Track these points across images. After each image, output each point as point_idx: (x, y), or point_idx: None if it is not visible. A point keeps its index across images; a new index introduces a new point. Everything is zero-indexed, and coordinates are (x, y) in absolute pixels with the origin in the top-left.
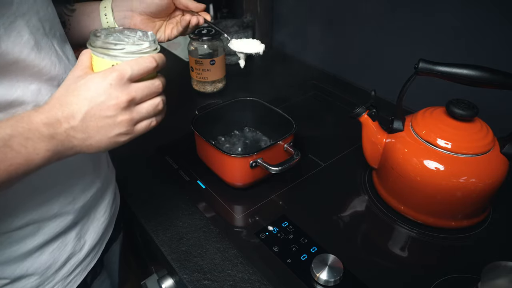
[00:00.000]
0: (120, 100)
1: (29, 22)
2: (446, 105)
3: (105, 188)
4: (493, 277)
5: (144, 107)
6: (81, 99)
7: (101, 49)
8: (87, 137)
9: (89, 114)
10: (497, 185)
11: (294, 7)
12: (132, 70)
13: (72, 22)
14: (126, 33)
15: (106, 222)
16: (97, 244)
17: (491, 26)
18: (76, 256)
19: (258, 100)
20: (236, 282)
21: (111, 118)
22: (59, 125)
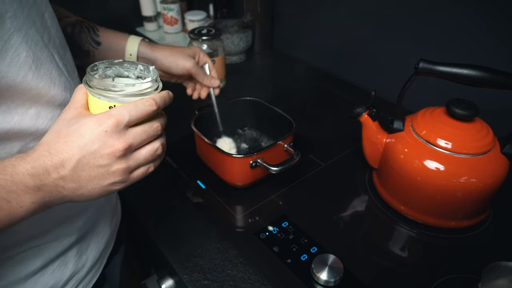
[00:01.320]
0: (116, 148)
1: (26, 37)
2: (446, 105)
3: (105, 203)
4: (493, 277)
5: (142, 153)
6: (73, 147)
7: (98, 90)
8: (78, 187)
9: (81, 163)
10: (497, 185)
11: (294, 7)
12: (130, 116)
13: (97, 54)
14: (126, 65)
15: (107, 237)
16: (98, 260)
17: (491, 26)
18: (78, 274)
19: (258, 100)
20: (236, 282)
21: (105, 167)
22: (47, 175)
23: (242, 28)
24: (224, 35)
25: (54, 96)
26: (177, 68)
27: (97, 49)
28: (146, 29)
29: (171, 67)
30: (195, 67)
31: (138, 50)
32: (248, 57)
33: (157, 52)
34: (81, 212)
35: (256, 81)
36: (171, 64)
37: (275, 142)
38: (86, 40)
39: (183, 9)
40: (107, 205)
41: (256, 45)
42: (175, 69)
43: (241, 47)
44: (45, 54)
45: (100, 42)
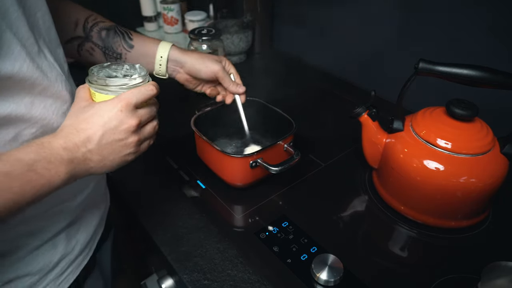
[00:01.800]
0: (130, 124)
1: (17, 34)
2: (446, 105)
3: (94, 191)
4: (493, 277)
5: (147, 129)
6: (95, 125)
7: (101, 86)
8: (102, 159)
9: (104, 138)
10: (497, 185)
11: (294, 7)
12: (137, 98)
13: (128, 57)
14: (113, 67)
15: (96, 222)
16: (88, 244)
17: (491, 26)
18: (68, 257)
19: (258, 100)
20: (236, 282)
21: (122, 140)
22: (77, 149)
23: (242, 28)
24: (224, 35)
25: (47, 87)
26: (206, 71)
27: (129, 52)
28: (146, 29)
29: (200, 69)
30: (222, 71)
31: (169, 53)
32: (248, 57)
33: (187, 56)
34: (72, 199)
35: (256, 81)
36: (200, 66)
37: (275, 142)
38: (119, 44)
39: (183, 9)
40: (97, 193)
41: (256, 45)
42: (204, 71)
43: (241, 47)
44: (35, 50)
45: (133, 46)
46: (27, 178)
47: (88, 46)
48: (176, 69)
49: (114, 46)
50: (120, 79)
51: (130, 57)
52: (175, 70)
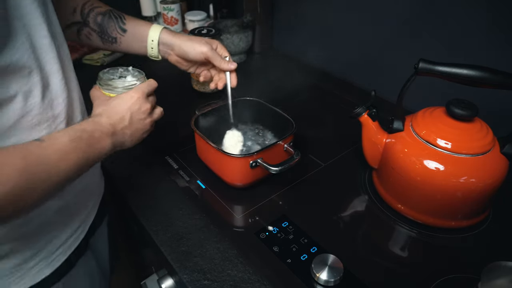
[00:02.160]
0: (146, 107)
1: (26, 26)
2: (446, 105)
3: (90, 176)
4: (493, 277)
5: (156, 112)
6: (124, 109)
7: (109, 87)
8: (132, 134)
9: (132, 118)
10: (497, 185)
11: (294, 7)
12: (148, 90)
13: (123, 41)
14: (110, 71)
15: (89, 207)
16: (80, 226)
17: (491, 26)
18: (59, 237)
19: (258, 100)
20: (236, 282)
21: (144, 120)
22: (116, 125)
23: (242, 28)
24: (224, 35)
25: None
26: (194, 52)
27: (123, 36)
28: None
29: (189, 51)
30: (211, 51)
31: (160, 36)
32: (248, 57)
33: (176, 38)
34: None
35: (256, 81)
36: (188, 48)
37: (275, 142)
38: (114, 28)
39: (183, 9)
40: (91, 179)
41: (256, 45)
42: (192, 53)
43: (241, 47)
44: (41, 42)
45: (126, 30)
46: (90, 141)
47: (86, 31)
48: (167, 52)
49: (109, 31)
50: (122, 82)
51: (124, 41)
52: (166, 52)
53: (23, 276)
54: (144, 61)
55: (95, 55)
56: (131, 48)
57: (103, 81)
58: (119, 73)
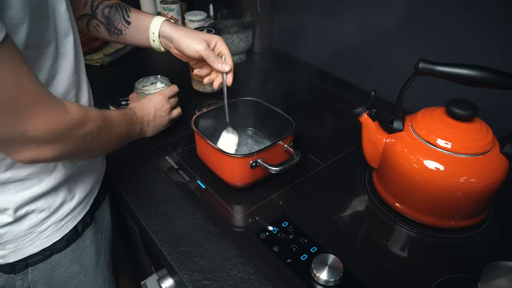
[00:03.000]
0: (167, 107)
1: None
2: (446, 105)
3: None
4: (493, 277)
5: (174, 112)
6: (151, 106)
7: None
8: (154, 126)
9: (156, 113)
10: (497, 185)
11: (294, 7)
12: (170, 93)
13: (128, 33)
14: (144, 80)
15: (93, 180)
16: (85, 197)
17: (491, 26)
18: (67, 205)
19: (258, 100)
20: (236, 282)
21: (164, 117)
22: (145, 116)
23: (242, 28)
24: (224, 35)
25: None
26: (188, 50)
27: (127, 28)
28: None
29: (183, 48)
30: (206, 50)
31: (160, 29)
32: (248, 57)
33: (175, 32)
34: None
35: (256, 81)
36: (183, 44)
37: (275, 142)
38: (120, 20)
39: (183, 9)
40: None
41: (256, 45)
42: (186, 50)
43: (241, 47)
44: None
45: (130, 22)
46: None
47: (94, 23)
48: (168, 44)
49: (115, 23)
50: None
51: (128, 33)
52: (167, 45)
53: (35, 238)
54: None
55: (95, 55)
56: (136, 40)
57: (138, 90)
58: (150, 81)
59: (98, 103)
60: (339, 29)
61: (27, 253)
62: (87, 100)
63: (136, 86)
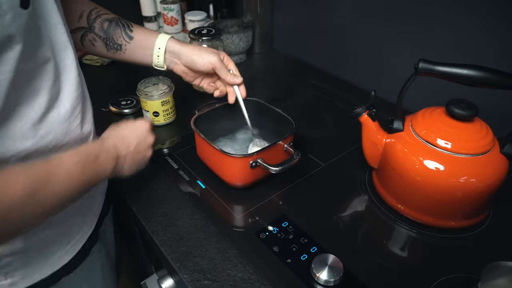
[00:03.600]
0: (151, 141)
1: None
2: (446, 105)
3: None
4: (493, 277)
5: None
6: (133, 137)
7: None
8: (133, 163)
9: (137, 147)
10: (497, 185)
11: (294, 7)
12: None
13: (128, 48)
14: (146, 81)
15: (98, 197)
16: (92, 217)
17: (491, 26)
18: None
19: (258, 100)
20: (236, 282)
21: (144, 151)
22: (121, 150)
23: (242, 28)
24: (224, 35)
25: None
26: (202, 62)
27: (129, 43)
28: None
29: (197, 61)
30: (219, 62)
31: (167, 44)
32: (248, 57)
33: (184, 48)
34: None
35: (256, 81)
36: (196, 57)
37: (275, 142)
38: (120, 34)
39: (183, 9)
40: None
41: (256, 45)
42: (200, 63)
43: (241, 47)
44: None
45: (132, 37)
46: (94, 166)
47: (90, 36)
48: (173, 61)
49: (115, 37)
50: (156, 90)
51: (129, 48)
52: (172, 61)
53: (44, 263)
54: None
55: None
56: (135, 57)
57: (141, 91)
58: (152, 81)
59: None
60: (339, 29)
61: (36, 279)
62: (92, 114)
63: (138, 87)
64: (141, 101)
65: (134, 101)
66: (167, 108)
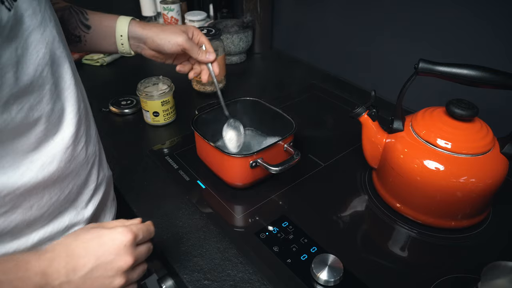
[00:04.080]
0: (127, 263)
1: (44, 33)
2: (446, 105)
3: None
4: (493, 277)
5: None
6: (91, 254)
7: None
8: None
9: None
10: (497, 185)
11: (294, 7)
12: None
13: (88, 39)
14: (146, 81)
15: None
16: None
17: (491, 26)
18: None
19: (258, 100)
20: (236, 282)
21: (110, 278)
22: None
23: (242, 28)
24: (224, 35)
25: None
26: (169, 45)
27: (87, 33)
28: None
29: (163, 44)
30: (188, 42)
31: (129, 30)
32: (248, 57)
33: (148, 30)
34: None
35: (256, 81)
36: (162, 41)
37: (275, 142)
38: (76, 25)
39: (183, 9)
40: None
41: (256, 45)
42: (167, 46)
43: (241, 47)
44: (60, 50)
45: (90, 26)
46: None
47: None
48: (139, 46)
49: (71, 28)
50: (156, 89)
51: (89, 39)
52: (139, 46)
53: None
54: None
55: (94, 55)
56: (99, 47)
57: (141, 91)
58: (152, 81)
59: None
60: (339, 29)
61: None
62: (96, 131)
63: (138, 87)
64: (141, 101)
65: (134, 101)
66: (167, 108)
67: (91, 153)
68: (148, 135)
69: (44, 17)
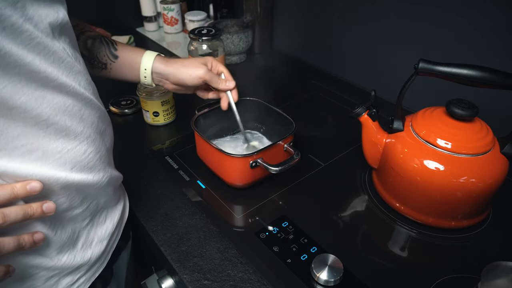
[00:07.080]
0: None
1: (37, 26)
2: (446, 105)
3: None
4: (493, 277)
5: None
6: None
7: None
8: None
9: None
10: (497, 185)
11: (294, 7)
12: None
13: (114, 67)
14: None
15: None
16: (103, 254)
17: (492, 26)
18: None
19: (258, 100)
20: (236, 282)
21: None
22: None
23: (242, 28)
24: (224, 35)
25: (63, 84)
26: (191, 78)
27: (114, 62)
28: (146, 29)
29: (184, 78)
30: (208, 73)
31: (153, 65)
32: (248, 57)
33: (170, 67)
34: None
35: (256, 81)
36: (183, 75)
37: (275, 142)
38: (104, 53)
39: (183, 9)
40: (112, 202)
41: (256, 45)
42: (188, 80)
43: (241, 47)
44: (56, 46)
45: (117, 56)
46: None
47: None
48: (162, 80)
49: (99, 56)
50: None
51: (115, 67)
52: (161, 81)
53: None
54: None
55: None
56: (122, 75)
57: (141, 91)
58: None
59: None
60: (339, 29)
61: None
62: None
63: (138, 87)
64: (141, 101)
65: (134, 101)
66: (167, 108)
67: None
68: (148, 135)
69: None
